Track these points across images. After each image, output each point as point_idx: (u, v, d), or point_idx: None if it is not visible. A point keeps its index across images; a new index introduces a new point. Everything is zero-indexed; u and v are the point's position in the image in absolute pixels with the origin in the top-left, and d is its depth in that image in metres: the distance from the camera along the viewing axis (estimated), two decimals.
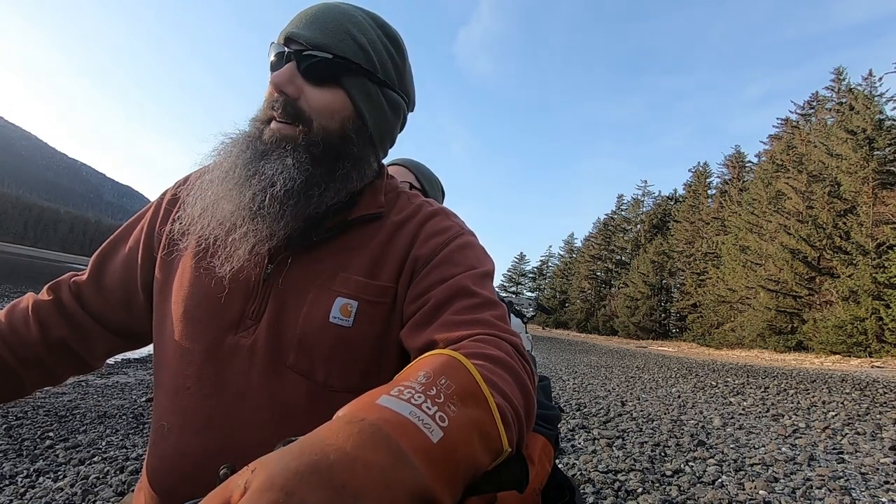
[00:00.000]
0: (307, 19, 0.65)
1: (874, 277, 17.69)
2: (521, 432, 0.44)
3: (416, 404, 0.34)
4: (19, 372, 0.69)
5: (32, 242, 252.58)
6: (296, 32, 0.63)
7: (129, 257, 0.74)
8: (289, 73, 0.63)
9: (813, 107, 30.20)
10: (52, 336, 0.71)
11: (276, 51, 0.65)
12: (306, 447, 0.29)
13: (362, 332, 0.62)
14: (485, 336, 0.54)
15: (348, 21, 0.66)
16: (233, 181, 0.62)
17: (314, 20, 0.65)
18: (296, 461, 0.28)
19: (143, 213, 0.77)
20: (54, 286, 0.74)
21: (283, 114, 0.63)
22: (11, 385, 0.70)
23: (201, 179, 0.66)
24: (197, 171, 0.77)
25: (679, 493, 2.94)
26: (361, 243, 0.67)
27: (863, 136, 20.31)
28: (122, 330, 0.75)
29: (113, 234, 0.78)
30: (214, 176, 0.65)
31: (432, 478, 0.31)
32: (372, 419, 0.32)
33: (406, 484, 0.30)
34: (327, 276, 0.64)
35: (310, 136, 0.63)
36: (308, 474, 0.27)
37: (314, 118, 0.64)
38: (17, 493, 2.41)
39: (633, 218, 49.88)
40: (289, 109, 0.63)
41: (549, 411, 0.97)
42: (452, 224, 0.72)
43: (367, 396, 0.36)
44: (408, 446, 0.31)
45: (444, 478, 0.32)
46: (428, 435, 0.33)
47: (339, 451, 0.29)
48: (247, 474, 0.28)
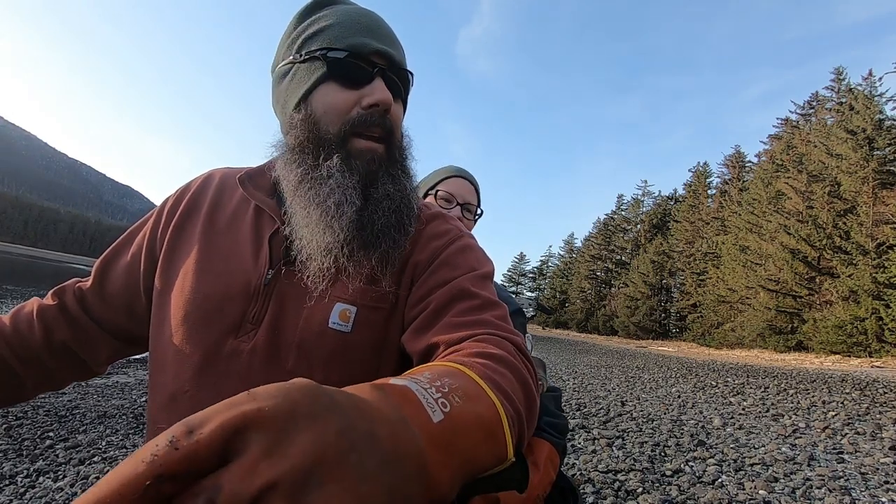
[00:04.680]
0: (379, 33, 0.65)
1: (874, 277, 17.69)
2: (521, 432, 0.44)
3: (422, 387, 0.35)
4: (21, 374, 0.69)
5: (32, 242, 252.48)
6: (385, 49, 0.64)
7: (132, 263, 0.74)
8: (387, 90, 0.63)
9: (813, 107, 30.21)
10: (55, 339, 0.71)
11: (360, 64, 0.63)
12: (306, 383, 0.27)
13: (361, 337, 0.62)
14: (486, 336, 0.54)
15: (395, 34, 0.68)
16: (346, 210, 0.60)
17: (386, 35, 0.66)
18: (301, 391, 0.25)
19: (146, 219, 0.77)
20: (59, 291, 0.74)
21: (380, 131, 0.64)
22: (12, 387, 0.70)
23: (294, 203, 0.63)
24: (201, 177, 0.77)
25: (679, 493, 2.94)
26: None
27: (863, 136, 20.30)
28: (124, 335, 0.75)
29: (116, 241, 0.78)
30: (314, 201, 0.61)
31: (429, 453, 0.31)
32: (379, 384, 0.32)
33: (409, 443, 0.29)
34: (326, 282, 0.64)
35: (395, 151, 0.66)
36: (319, 394, 0.26)
37: (395, 133, 0.66)
38: (17, 493, 2.41)
39: (633, 218, 49.85)
40: (385, 126, 0.64)
41: (558, 420, 0.97)
42: (451, 227, 0.72)
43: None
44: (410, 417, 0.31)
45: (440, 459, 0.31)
46: (429, 413, 0.33)
47: (347, 395, 0.28)
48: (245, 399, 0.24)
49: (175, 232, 0.71)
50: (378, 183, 0.63)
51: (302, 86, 0.64)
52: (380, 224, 0.62)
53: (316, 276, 0.61)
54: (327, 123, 0.62)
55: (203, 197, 0.74)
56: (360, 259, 0.62)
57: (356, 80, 0.63)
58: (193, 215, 0.72)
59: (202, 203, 0.73)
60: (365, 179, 0.63)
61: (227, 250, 0.67)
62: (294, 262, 0.65)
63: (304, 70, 0.65)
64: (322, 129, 0.63)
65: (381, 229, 0.62)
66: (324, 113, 0.63)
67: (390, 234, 0.63)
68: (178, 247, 0.70)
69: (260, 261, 0.65)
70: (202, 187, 0.75)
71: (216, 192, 0.74)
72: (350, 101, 0.62)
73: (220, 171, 0.78)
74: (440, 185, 1.35)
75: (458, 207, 1.33)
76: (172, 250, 0.70)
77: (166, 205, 0.76)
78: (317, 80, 0.63)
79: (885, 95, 21.99)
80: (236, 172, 0.76)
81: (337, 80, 0.63)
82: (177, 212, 0.73)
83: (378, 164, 0.64)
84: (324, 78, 0.63)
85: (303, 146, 0.63)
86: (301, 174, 0.62)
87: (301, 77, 0.65)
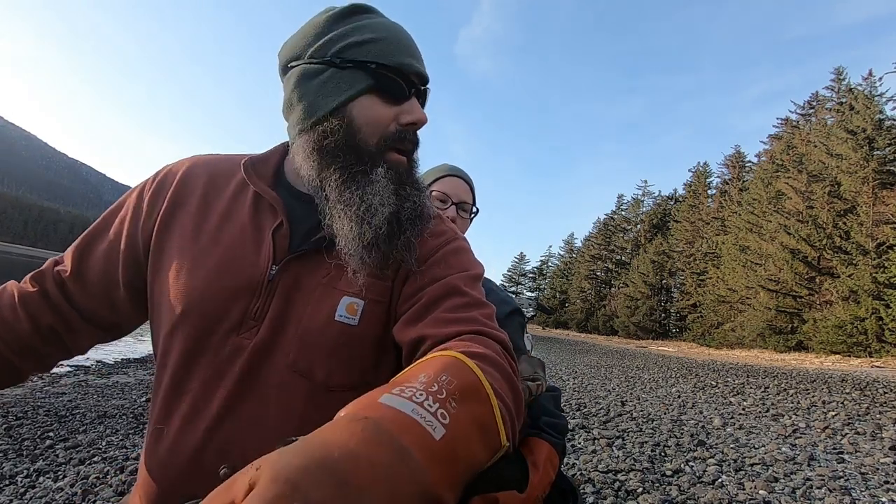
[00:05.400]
0: (416, 53, 0.69)
1: (874, 277, 17.69)
2: (513, 429, 0.45)
3: (418, 402, 0.35)
4: (15, 362, 0.69)
5: (32, 242, 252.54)
6: (423, 72, 0.69)
7: (110, 253, 0.71)
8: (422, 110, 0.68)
9: (813, 107, 30.22)
10: (42, 325, 0.69)
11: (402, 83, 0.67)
12: (310, 444, 0.29)
13: (367, 330, 0.64)
14: (473, 334, 0.55)
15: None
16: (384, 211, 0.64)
17: (420, 55, 0.70)
18: (300, 458, 0.28)
19: (121, 205, 0.74)
20: (38, 277, 0.72)
21: (412, 146, 0.69)
22: (7, 374, 0.69)
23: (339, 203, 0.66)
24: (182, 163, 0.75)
25: (679, 493, 2.94)
26: None
27: (863, 136, 20.31)
28: (103, 323, 0.73)
29: (91, 227, 0.74)
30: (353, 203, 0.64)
31: (435, 474, 0.32)
32: (375, 417, 0.32)
33: (409, 480, 0.30)
34: (333, 275, 0.65)
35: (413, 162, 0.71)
36: (313, 469, 0.27)
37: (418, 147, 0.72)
38: (17, 493, 2.41)
39: (633, 218, 49.88)
40: (416, 141, 0.70)
41: (558, 420, 0.97)
42: (447, 229, 0.74)
43: (368, 396, 0.37)
44: (411, 443, 0.31)
45: (446, 474, 0.32)
46: (431, 432, 0.33)
47: (342, 448, 0.29)
48: (251, 472, 0.28)
49: (163, 225, 0.69)
50: (406, 190, 0.68)
51: (342, 92, 0.65)
52: (406, 224, 0.66)
53: (357, 267, 0.64)
54: (367, 134, 0.65)
55: (191, 187, 0.71)
56: (385, 254, 0.65)
57: (396, 97, 0.66)
58: (182, 206, 0.70)
59: (191, 193, 0.71)
60: (398, 186, 0.67)
61: (225, 244, 0.66)
62: (302, 256, 0.65)
63: (344, 77, 0.65)
64: (361, 138, 0.65)
65: (405, 229, 0.66)
66: (365, 124, 0.65)
67: (411, 234, 0.67)
68: (169, 240, 0.68)
69: (262, 255, 0.65)
70: (188, 176, 0.72)
71: (208, 180, 0.72)
72: (390, 116, 0.66)
73: (205, 158, 0.76)
74: (435, 185, 1.34)
75: (452, 207, 1.32)
76: (162, 246, 0.68)
77: (145, 194, 0.72)
78: (361, 90, 0.65)
79: (885, 95, 22.01)
80: (227, 158, 0.74)
81: (380, 94, 0.66)
82: (159, 202, 0.70)
83: (406, 175, 0.69)
84: (368, 90, 0.65)
85: (342, 150, 0.65)
86: (346, 175, 0.65)
87: (340, 83, 0.65)
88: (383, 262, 0.65)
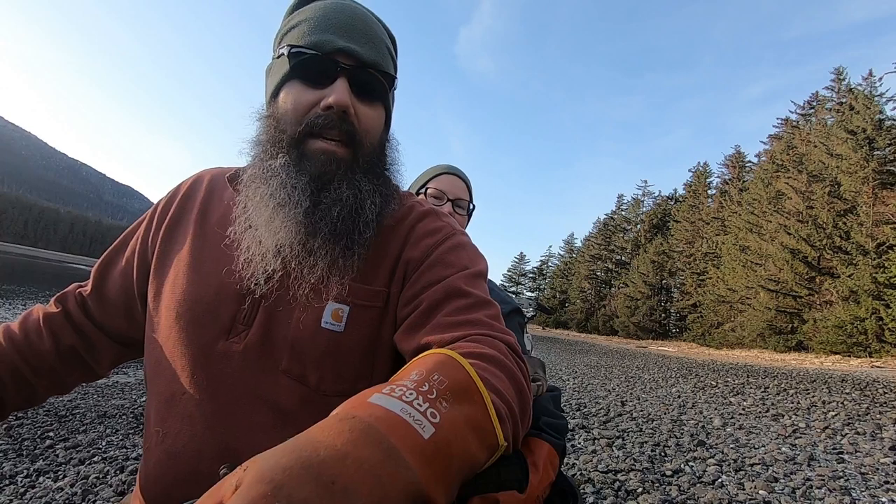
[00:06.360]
0: (350, 30, 0.62)
1: (874, 277, 17.67)
2: (516, 429, 0.45)
3: (407, 401, 0.35)
4: (33, 382, 0.71)
5: (32, 242, 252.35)
6: (351, 48, 0.61)
7: (127, 268, 0.74)
8: (347, 91, 0.60)
9: (813, 107, 30.18)
10: (63, 345, 0.72)
11: (322, 63, 0.60)
12: (298, 444, 0.29)
13: (354, 336, 0.62)
14: (478, 336, 0.54)
15: (379, 31, 0.65)
16: (289, 211, 0.59)
17: (359, 33, 0.62)
18: (286, 457, 0.28)
19: (139, 223, 0.77)
20: (61, 298, 0.75)
21: (340, 134, 0.61)
22: (25, 394, 0.71)
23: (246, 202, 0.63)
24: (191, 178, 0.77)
25: (679, 493, 2.94)
26: None
27: (863, 136, 20.29)
28: (125, 339, 0.76)
29: (111, 246, 0.78)
30: (261, 201, 0.61)
31: (424, 474, 0.31)
32: (363, 416, 0.32)
33: (397, 480, 0.30)
34: (319, 281, 0.63)
35: (362, 156, 0.63)
36: (298, 469, 0.27)
37: (364, 139, 0.63)
38: (17, 493, 2.41)
39: (633, 218, 49.84)
40: (345, 128, 0.61)
41: (558, 420, 0.97)
42: (444, 224, 0.71)
43: (359, 395, 0.36)
44: (398, 443, 0.31)
45: (436, 473, 0.32)
46: (419, 431, 0.33)
47: (329, 447, 0.29)
48: (239, 473, 0.28)
49: (166, 235, 0.71)
50: (331, 187, 0.61)
51: (272, 83, 0.64)
52: (326, 229, 0.60)
53: (258, 277, 0.61)
54: (287, 122, 0.62)
55: (193, 199, 0.73)
56: (311, 264, 0.61)
57: (319, 80, 0.61)
58: (184, 217, 0.72)
59: (193, 205, 0.73)
60: (317, 181, 0.61)
61: (217, 251, 0.67)
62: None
63: (276, 67, 0.64)
64: (282, 127, 0.62)
65: (328, 235, 0.60)
66: (285, 112, 0.62)
67: (340, 241, 0.61)
68: (170, 249, 0.70)
69: (254, 264, 0.64)
70: (192, 189, 0.75)
71: (207, 192, 0.74)
72: (310, 101, 0.61)
73: (211, 172, 0.78)
74: (430, 183, 1.36)
75: (448, 203, 1.34)
76: (164, 253, 0.70)
77: (157, 208, 0.75)
78: (283, 78, 0.62)
79: (885, 95, 21.98)
80: (226, 172, 0.75)
81: (300, 79, 0.61)
82: (167, 215, 0.73)
83: (336, 166, 0.61)
84: (289, 76, 0.62)
85: (262, 144, 0.63)
86: (251, 173, 0.62)
87: (274, 74, 0.65)
88: (308, 272, 0.61)
